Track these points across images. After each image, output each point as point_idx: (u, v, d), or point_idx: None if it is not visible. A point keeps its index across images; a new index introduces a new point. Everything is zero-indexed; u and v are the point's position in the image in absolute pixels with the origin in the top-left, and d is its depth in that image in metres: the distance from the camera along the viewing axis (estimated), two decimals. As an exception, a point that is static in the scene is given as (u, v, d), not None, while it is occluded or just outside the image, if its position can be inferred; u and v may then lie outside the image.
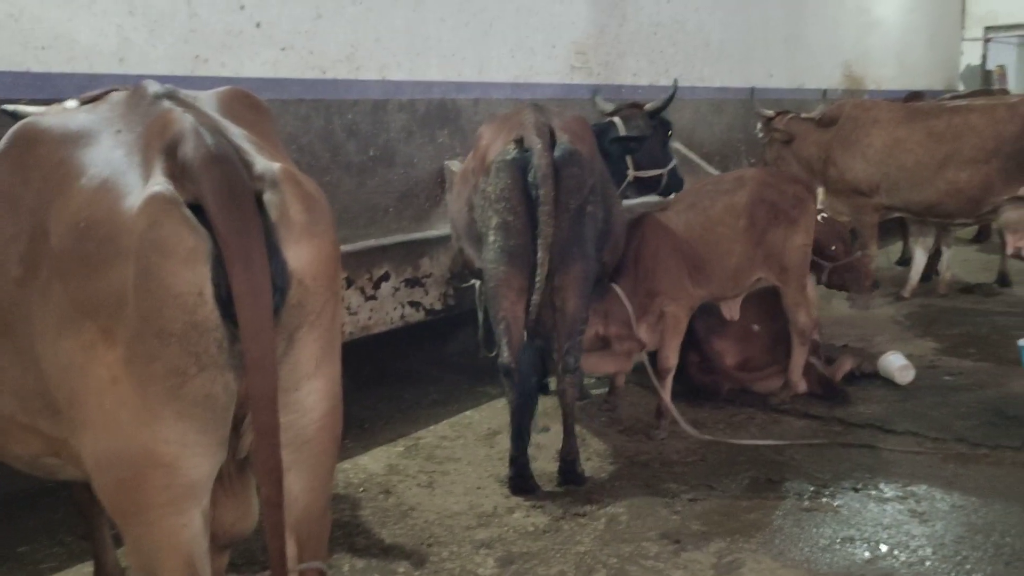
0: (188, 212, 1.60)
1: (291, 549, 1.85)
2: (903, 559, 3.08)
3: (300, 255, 1.69)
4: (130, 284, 1.57)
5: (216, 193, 1.60)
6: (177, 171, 1.65)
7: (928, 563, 3.05)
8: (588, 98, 6.41)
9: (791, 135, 6.93)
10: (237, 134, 1.80)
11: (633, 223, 4.38)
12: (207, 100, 1.97)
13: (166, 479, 1.66)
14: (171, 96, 1.86)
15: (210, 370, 1.63)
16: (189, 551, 1.71)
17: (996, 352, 5.40)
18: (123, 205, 1.61)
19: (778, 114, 7.18)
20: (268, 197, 1.69)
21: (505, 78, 5.97)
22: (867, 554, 3.13)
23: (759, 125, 7.43)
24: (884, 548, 3.16)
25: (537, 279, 3.46)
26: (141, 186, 1.63)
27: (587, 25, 6.59)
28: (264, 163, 1.73)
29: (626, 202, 4.77)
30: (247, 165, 1.71)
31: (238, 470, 1.89)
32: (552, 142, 3.56)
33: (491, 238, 3.58)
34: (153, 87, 1.90)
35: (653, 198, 5.26)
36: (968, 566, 3.02)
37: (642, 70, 7.24)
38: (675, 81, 5.52)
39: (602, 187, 3.84)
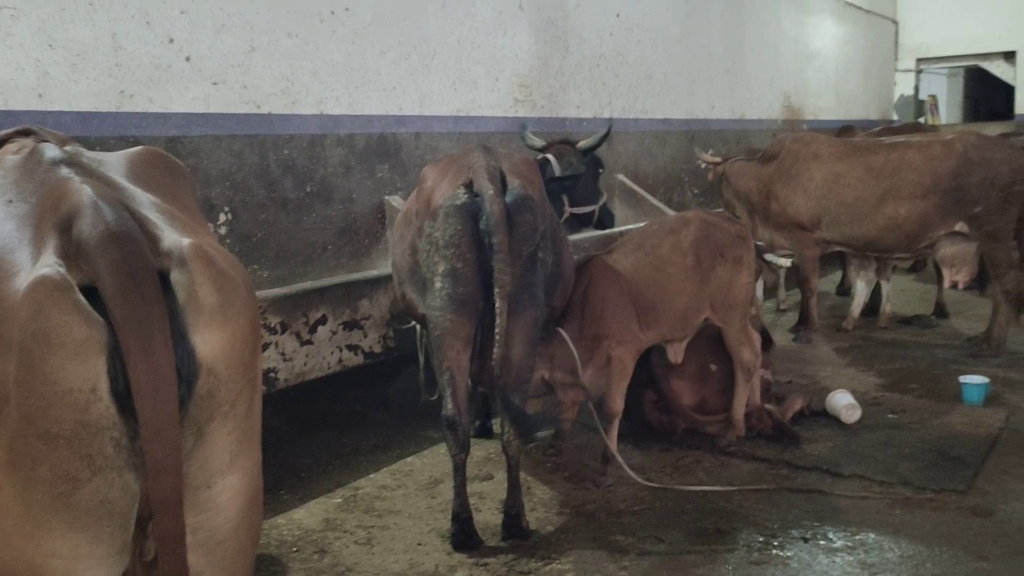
0: (80, 298, 1.44)
1: None
2: (854, 615, 3.02)
3: (210, 341, 1.54)
4: (11, 379, 1.40)
5: (113, 275, 1.44)
6: (72, 250, 1.49)
7: (879, 619, 2.99)
8: (531, 131, 6.35)
9: (729, 176, 7.02)
10: (145, 203, 1.64)
11: (579, 266, 4.30)
12: (114, 164, 1.80)
13: None
14: (71, 162, 1.68)
15: (106, 473, 1.45)
16: None
17: (937, 388, 5.43)
18: (8, 288, 1.44)
19: (722, 159, 7.28)
20: (175, 277, 1.53)
21: (447, 111, 5.88)
22: (818, 611, 3.05)
23: (702, 165, 7.53)
24: (835, 604, 3.10)
25: (497, 330, 3.32)
26: (30, 267, 1.46)
27: (530, 58, 6.54)
28: (173, 238, 1.57)
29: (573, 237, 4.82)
30: (153, 240, 1.55)
31: (145, 572, 1.71)
32: (503, 187, 3.45)
33: (438, 285, 3.44)
34: (51, 152, 1.73)
35: (593, 232, 5.37)
36: (919, 622, 2.96)
37: (585, 102, 7.22)
38: (610, 122, 5.49)
39: (552, 231, 3.75)
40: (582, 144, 5.12)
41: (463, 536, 3.59)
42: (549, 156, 5.00)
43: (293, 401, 4.84)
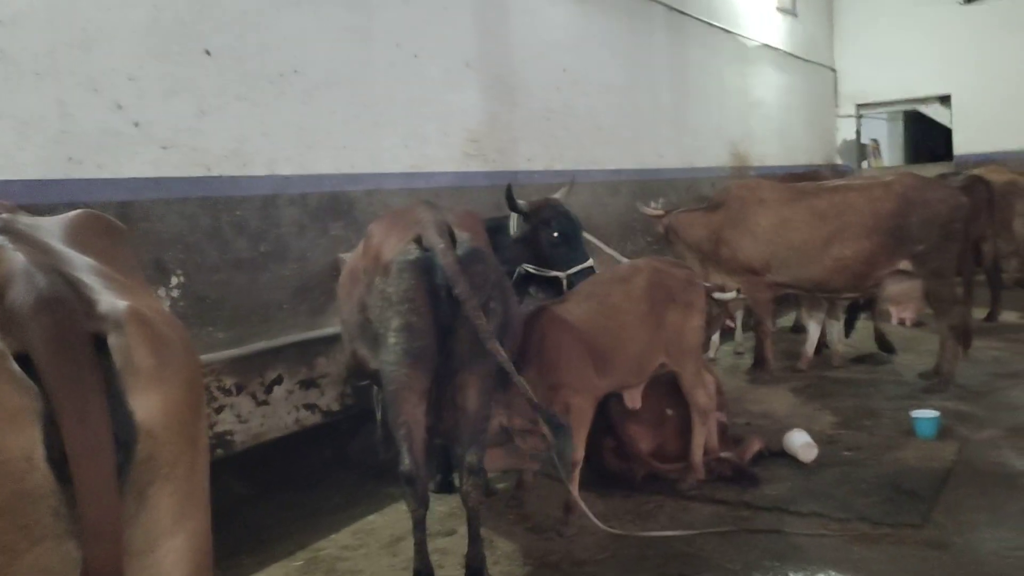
0: (14, 366, 1.43)
1: None
2: (817, 654, 3.03)
3: (148, 404, 1.53)
4: None
5: (46, 342, 1.43)
6: (3, 318, 1.49)
7: (841, 657, 3.00)
8: (484, 186, 6.44)
9: (679, 226, 7.11)
10: (81, 266, 1.64)
11: (532, 315, 4.34)
12: (50, 228, 1.81)
13: None
14: (4, 230, 1.69)
15: (45, 542, 1.43)
16: None
17: (890, 423, 5.52)
18: None
19: (666, 212, 7.40)
20: (112, 340, 1.52)
21: (399, 168, 5.94)
22: (781, 651, 3.06)
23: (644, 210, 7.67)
24: (797, 643, 3.10)
25: (510, 374, 3.39)
26: None
27: (479, 113, 6.65)
28: (109, 301, 1.57)
29: None
30: (89, 304, 1.55)
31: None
32: (452, 240, 3.50)
33: (392, 340, 3.44)
34: (-17, 220, 1.73)
35: None
36: (880, 657, 2.98)
37: (536, 155, 7.34)
38: (573, 176, 5.50)
39: (499, 281, 3.79)
40: (523, 206, 4.96)
41: (425, 594, 3.54)
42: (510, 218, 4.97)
43: (252, 463, 4.76)
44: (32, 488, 1.40)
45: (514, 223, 4.96)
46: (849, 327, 7.68)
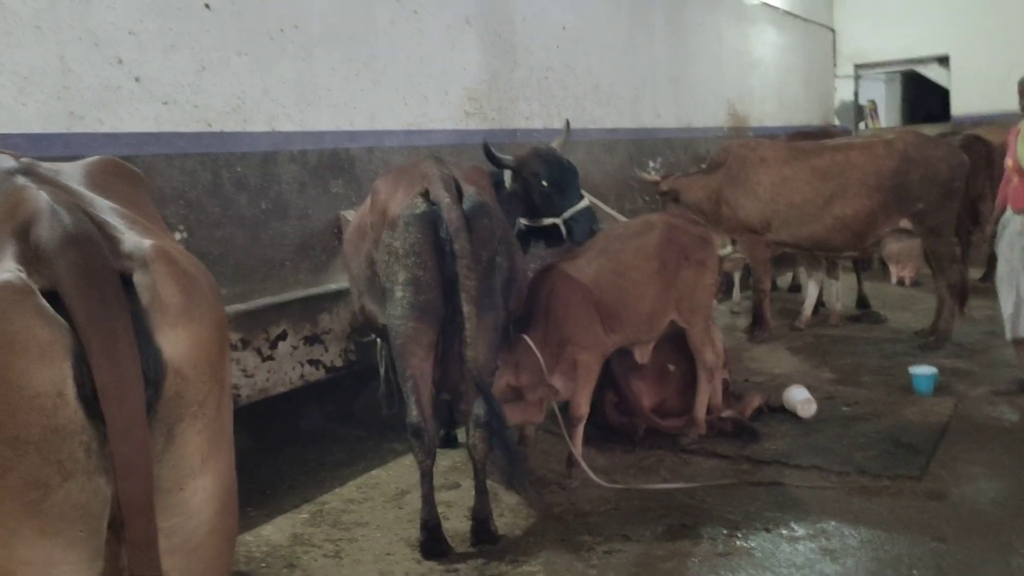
0: (43, 302, 1.43)
1: None
2: (818, 600, 3.09)
3: (176, 342, 1.53)
4: None
5: (74, 277, 1.44)
6: (31, 256, 1.49)
7: (842, 602, 3.06)
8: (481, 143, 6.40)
9: (677, 191, 7.08)
10: (104, 208, 1.64)
11: (541, 272, 4.35)
12: (71, 173, 1.80)
13: None
14: (27, 172, 1.68)
15: (77, 478, 1.45)
16: None
17: (888, 380, 5.57)
18: None
19: (663, 177, 7.36)
20: (138, 278, 1.52)
21: (398, 126, 5.91)
22: (783, 597, 3.12)
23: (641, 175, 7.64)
24: (799, 589, 3.17)
25: (467, 334, 3.37)
26: None
27: (479, 71, 6.60)
28: (134, 240, 1.57)
29: None
30: (114, 243, 1.55)
31: (118, 578, 1.70)
32: (459, 195, 3.49)
33: (399, 293, 3.46)
34: (6, 162, 1.72)
35: None
36: (880, 602, 3.04)
37: (535, 113, 7.29)
38: (567, 122, 5.39)
39: (505, 236, 3.80)
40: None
41: (432, 544, 3.60)
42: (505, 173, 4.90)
43: (256, 418, 4.80)
44: (63, 423, 1.42)
45: (507, 178, 4.91)
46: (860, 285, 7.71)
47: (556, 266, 4.38)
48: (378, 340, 4.73)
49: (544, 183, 4.62)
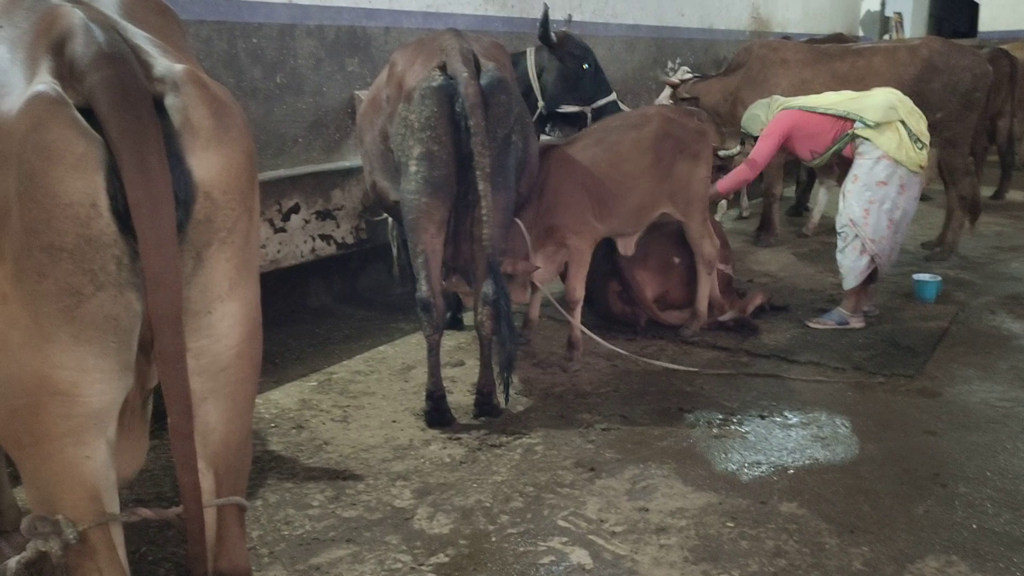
0: (77, 114, 1.44)
1: (208, 483, 1.73)
2: (808, 481, 3.20)
3: (207, 165, 1.55)
4: (13, 192, 1.42)
5: (107, 93, 1.45)
6: (65, 71, 1.50)
7: (832, 485, 3.17)
8: (501, 31, 6.29)
9: (697, 94, 6.98)
10: (136, 34, 1.65)
11: (539, 155, 4.34)
12: (106, 1, 1.80)
13: (64, 408, 1.53)
14: None
15: (109, 289, 1.49)
16: (93, 483, 1.59)
17: (891, 287, 5.61)
18: (3, 107, 1.45)
19: (682, 81, 7.24)
20: (170, 101, 1.54)
21: (417, 7, 5.79)
22: (775, 477, 3.24)
23: (663, 77, 7.51)
24: (791, 471, 3.28)
25: (484, 211, 3.38)
26: (24, 87, 1.47)
27: (501, -45, 6.42)
28: (165, 64, 1.57)
29: None
30: (146, 66, 1.56)
31: (142, 405, 1.77)
32: (477, 69, 3.45)
33: (412, 168, 3.46)
34: (42, -18, 1.71)
35: None
36: (870, 486, 3.15)
37: (555, 4, 7.12)
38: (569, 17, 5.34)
39: (521, 115, 3.77)
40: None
41: (437, 413, 3.70)
42: (528, 51, 4.87)
43: (264, 291, 4.86)
44: (96, 234, 1.45)
45: (530, 58, 4.86)
46: None
47: (553, 149, 4.36)
48: (390, 220, 4.76)
49: (585, 66, 4.66)
